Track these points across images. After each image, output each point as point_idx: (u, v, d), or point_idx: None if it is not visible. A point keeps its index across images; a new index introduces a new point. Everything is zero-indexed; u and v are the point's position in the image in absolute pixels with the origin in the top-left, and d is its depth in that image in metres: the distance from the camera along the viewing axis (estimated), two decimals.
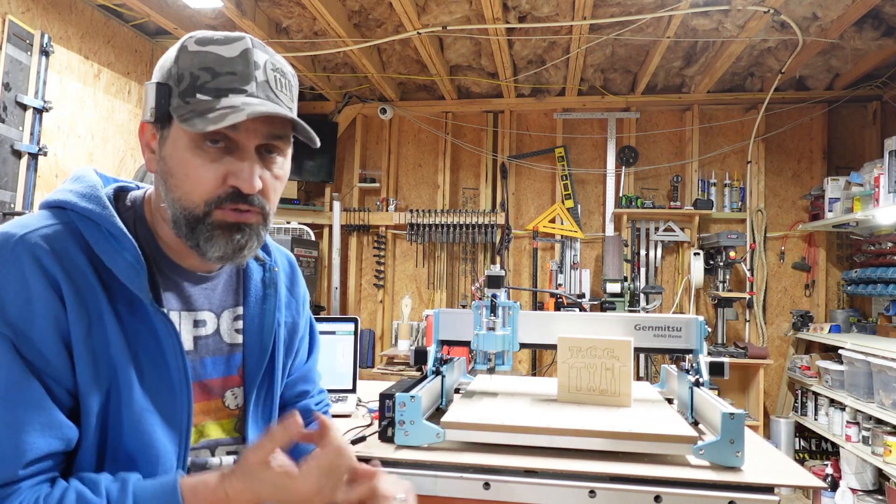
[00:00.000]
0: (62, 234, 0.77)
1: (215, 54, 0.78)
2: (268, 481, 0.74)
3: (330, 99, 4.64)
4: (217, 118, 0.74)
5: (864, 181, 3.48)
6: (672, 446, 1.16)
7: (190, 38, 0.81)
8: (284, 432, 0.74)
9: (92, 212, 0.79)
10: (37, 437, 0.70)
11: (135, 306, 0.80)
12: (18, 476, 0.70)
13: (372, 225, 4.59)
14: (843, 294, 4.12)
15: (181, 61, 0.79)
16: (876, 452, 3.08)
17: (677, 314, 3.44)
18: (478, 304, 1.45)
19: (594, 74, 4.16)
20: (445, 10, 3.20)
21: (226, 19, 3.40)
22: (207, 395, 0.90)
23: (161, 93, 0.79)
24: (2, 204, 2.69)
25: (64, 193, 0.81)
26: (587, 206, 4.47)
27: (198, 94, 0.77)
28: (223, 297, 0.94)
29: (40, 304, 0.72)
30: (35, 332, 0.72)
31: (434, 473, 1.15)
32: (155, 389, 0.80)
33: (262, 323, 0.96)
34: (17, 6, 2.78)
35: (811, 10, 3.08)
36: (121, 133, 3.53)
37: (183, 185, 0.78)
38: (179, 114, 0.77)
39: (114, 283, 0.78)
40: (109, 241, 0.78)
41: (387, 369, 3.83)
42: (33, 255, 0.73)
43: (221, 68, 0.78)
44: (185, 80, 0.78)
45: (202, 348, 0.90)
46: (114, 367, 0.77)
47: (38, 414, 0.71)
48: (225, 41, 0.79)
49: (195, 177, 0.78)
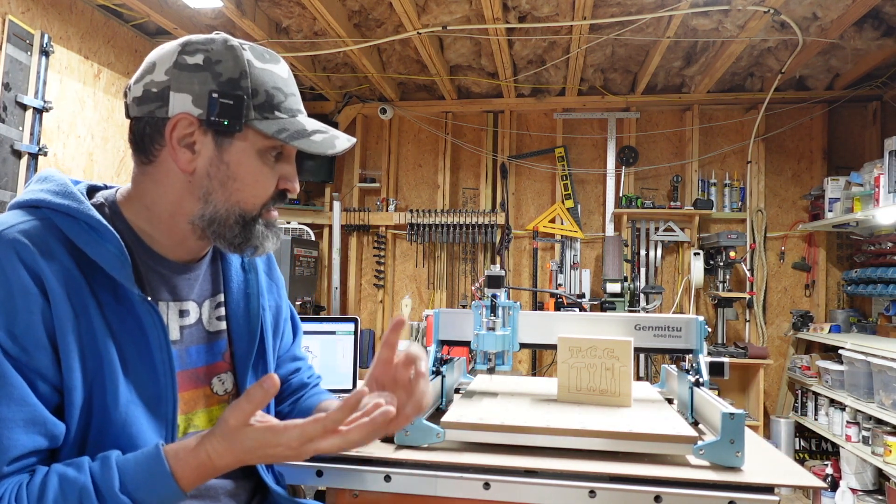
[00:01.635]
0: (41, 230, 0.76)
1: (277, 74, 0.86)
2: (250, 440, 0.74)
3: (330, 99, 4.64)
4: (324, 144, 0.85)
5: (864, 181, 3.48)
6: (672, 446, 1.16)
7: (244, 49, 0.84)
8: (262, 392, 0.74)
9: (69, 207, 0.79)
10: (20, 433, 0.70)
11: (119, 296, 0.80)
12: (3, 473, 0.69)
13: (372, 225, 4.59)
14: (843, 294, 4.12)
15: (254, 77, 0.83)
16: (876, 452, 3.08)
17: (677, 314, 3.44)
18: (478, 304, 1.44)
19: (594, 74, 4.16)
20: (445, 10, 3.20)
21: (226, 19, 3.40)
22: (195, 384, 0.91)
23: (237, 101, 0.81)
24: (2, 204, 2.69)
25: (35, 193, 0.81)
26: (587, 206, 4.47)
27: (276, 112, 0.84)
28: (203, 286, 0.95)
29: (22, 300, 0.72)
30: (18, 327, 0.71)
31: (434, 473, 1.15)
32: (140, 381, 0.81)
33: (247, 307, 0.99)
34: (17, 6, 2.78)
35: (811, 10, 3.08)
36: (121, 133, 3.53)
37: (248, 189, 0.85)
38: (273, 130, 0.83)
39: (97, 274, 0.78)
40: (90, 233, 0.78)
41: None
42: (13, 251, 0.73)
43: (287, 89, 0.87)
44: (261, 95, 0.83)
45: (187, 337, 0.91)
46: (99, 360, 0.77)
47: (21, 410, 0.70)
48: (273, 60, 0.87)
49: (262, 182, 0.86)
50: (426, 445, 1.22)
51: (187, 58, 0.82)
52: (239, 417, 0.74)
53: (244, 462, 0.76)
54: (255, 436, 0.74)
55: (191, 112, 0.81)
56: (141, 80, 0.84)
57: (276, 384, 0.74)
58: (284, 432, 0.75)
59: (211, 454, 0.74)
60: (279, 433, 0.75)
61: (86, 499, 0.69)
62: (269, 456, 0.75)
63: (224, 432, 0.75)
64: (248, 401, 0.74)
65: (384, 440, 1.25)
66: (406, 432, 1.22)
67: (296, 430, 0.75)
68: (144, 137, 0.84)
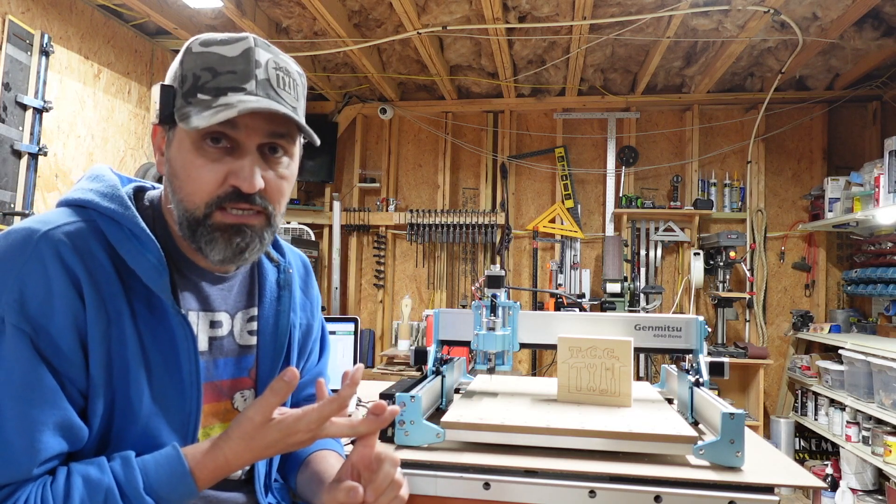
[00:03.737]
0: (85, 232, 0.76)
1: (218, 54, 0.79)
2: (272, 434, 0.74)
3: (330, 99, 4.64)
4: (211, 115, 0.74)
5: (864, 181, 3.48)
6: (672, 446, 1.16)
7: (195, 41, 0.81)
8: (286, 385, 0.73)
9: (115, 212, 0.78)
10: (50, 437, 0.70)
11: (153, 306, 0.79)
12: (33, 475, 0.69)
13: (372, 225, 4.59)
14: (843, 294, 4.12)
15: (185, 63, 0.80)
16: (876, 452, 3.08)
17: (677, 314, 3.44)
18: (478, 304, 1.44)
19: (594, 74, 4.16)
20: (445, 10, 3.20)
21: (226, 19, 3.40)
22: (217, 397, 0.89)
23: (166, 94, 0.79)
24: (2, 204, 2.69)
25: (84, 192, 0.81)
26: (587, 206, 4.47)
27: (198, 94, 0.77)
28: (238, 298, 0.93)
29: (60, 301, 0.72)
30: (53, 328, 0.71)
31: (434, 473, 1.15)
32: (164, 392, 0.80)
33: (276, 324, 0.95)
34: (17, 6, 2.78)
35: (811, 10, 3.08)
36: (121, 133, 3.53)
37: (185, 186, 0.78)
38: (180, 114, 0.77)
39: (134, 282, 0.78)
40: (132, 241, 0.78)
41: (387, 369, 3.83)
42: (56, 252, 0.73)
43: (222, 67, 0.78)
44: (188, 80, 0.78)
45: (216, 349, 0.89)
46: (126, 369, 0.76)
47: (53, 414, 0.70)
48: (227, 41, 0.80)
49: (196, 177, 0.77)
50: (426, 445, 1.22)
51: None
52: (265, 412, 0.74)
53: (262, 457, 0.77)
54: (278, 427, 0.75)
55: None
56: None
57: (297, 375, 0.73)
58: (304, 416, 0.75)
59: (228, 455, 0.75)
60: (300, 418, 0.75)
61: (111, 499, 0.69)
62: (288, 445, 0.76)
63: (245, 431, 0.75)
64: (274, 393, 0.74)
65: (384, 440, 1.25)
66: (406, 432, 1.22)
67: (314, 412, 0.75)
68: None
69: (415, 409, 1.22)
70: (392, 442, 1.23)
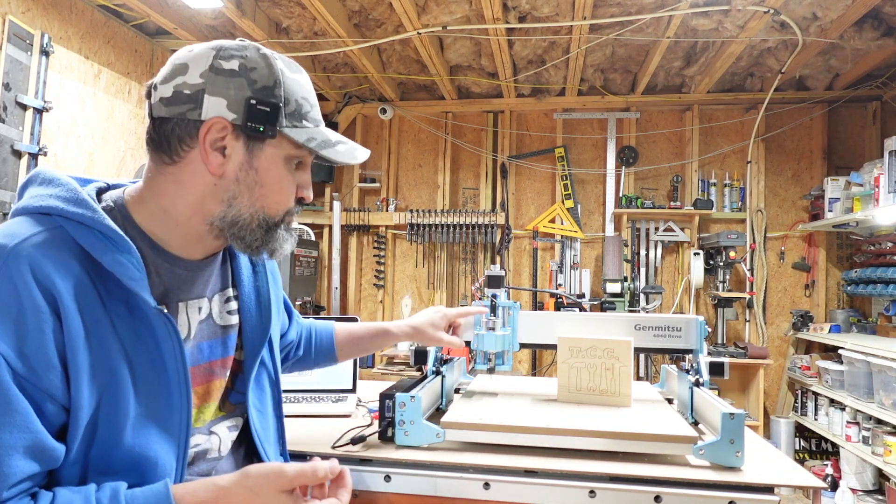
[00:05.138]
0: (55, 242, 0.75)
1: (305, 85, 0.89)
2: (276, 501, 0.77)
3: (330, 99, 4.64)
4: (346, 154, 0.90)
5: (864, 181, 3.48)
6: (672, 446, 1.16)
7: (275, 59, 0.86)
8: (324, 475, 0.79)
9: (83, 216, 0.77)
10: (20, 460, 0.69)
11: (132, 306, 0.79)
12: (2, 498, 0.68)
13: (372, 225, 4.60)
14: (843, 294, 4.12)
15: (287, 86, 0.86)
16: (876, 452, 3.08)
17: (677, 314, 3.44)
18: (478, 305, 1.44)
19: (594, 74, 4.16)
20: (445, 10, 3.20)
21: (226, 19, 3.40)
22: (208, 378, 0.93)
23: (267, 107, 0.83)
24: (2, 204, 2.69)
25: (45, 199, 0.78)
26: (587, 206, 4.47)
27: (304, 121, 0.88)
28: (215, 281, 0.96)
29: (34, 319, 0.70)
30: (28, 347, 0.70)
31: (434, 473, 1.15)
32: (152, 395, 0.80)
33: (258, 299, 1.03)
34: (17, 6, 2.78)
35: (811, 10, 3.08)
36: (121, 133, 3.53)
37: (273, 196, 0.87)
38: (303, 138, 0.86)
39: (111, 285, 0.77)
40: (105, 242, 0.77)
41: (387, 369, 3.83)
42: (27, 267, 0.71)
43: (312, 99, 0.90)
44: (291, 104, 0.86)
45: (198, 333, 0.92)
46: (110, 377, 0.76)
47: (23, 437, 0.69)
48: (299, 70, 0.90)
49: (287, 189, 0.88)
50: (426, 445, 1.22)
51: (223, 62, 0.82)
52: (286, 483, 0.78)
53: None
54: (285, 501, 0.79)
55: (225, 116, 0.81)
56: (171, 80, 0.82)
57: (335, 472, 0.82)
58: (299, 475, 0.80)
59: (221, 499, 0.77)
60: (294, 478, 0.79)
61: None
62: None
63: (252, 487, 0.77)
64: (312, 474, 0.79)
65: (384, 440, 1.25)
66: (406, 432, 1.22)
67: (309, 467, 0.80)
68: (172, 138, 0.82)
69: (415, 409, 1.22)
70: (392, 442, 1.24)
